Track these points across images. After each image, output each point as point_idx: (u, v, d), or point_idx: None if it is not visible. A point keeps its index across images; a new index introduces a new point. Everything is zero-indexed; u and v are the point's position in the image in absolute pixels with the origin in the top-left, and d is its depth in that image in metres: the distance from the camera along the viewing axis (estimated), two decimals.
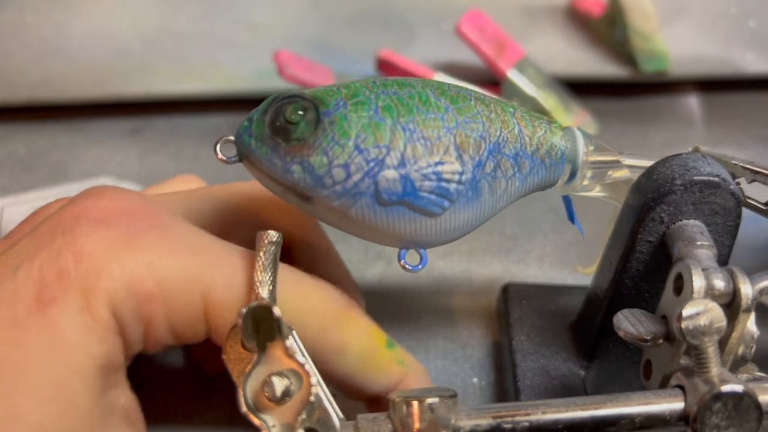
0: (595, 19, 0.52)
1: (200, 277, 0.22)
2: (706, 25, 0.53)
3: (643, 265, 0.27)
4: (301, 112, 0.23)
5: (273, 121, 0.23)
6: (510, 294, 0.33)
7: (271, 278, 0.22)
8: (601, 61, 0.50)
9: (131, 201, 0.24)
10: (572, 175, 0.26)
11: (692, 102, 0.51)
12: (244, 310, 0.21)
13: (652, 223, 0.26)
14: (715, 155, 0.28)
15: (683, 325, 0.22)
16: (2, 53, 0.49)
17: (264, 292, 0.22)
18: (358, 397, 0.26)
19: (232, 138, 0.24)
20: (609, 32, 0.51)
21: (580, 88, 0.47)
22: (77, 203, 0.23)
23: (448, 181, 0.23)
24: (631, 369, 0.29)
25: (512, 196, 0.25)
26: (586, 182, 0.27)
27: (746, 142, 0.47)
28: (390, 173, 0.22)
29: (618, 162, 0.27)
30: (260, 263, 0.22)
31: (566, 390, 0.29)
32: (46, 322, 0.20)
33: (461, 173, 0.23)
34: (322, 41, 0.51)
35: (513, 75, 0.45)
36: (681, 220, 0.26)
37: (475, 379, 0.32)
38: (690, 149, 0.28)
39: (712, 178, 0.25)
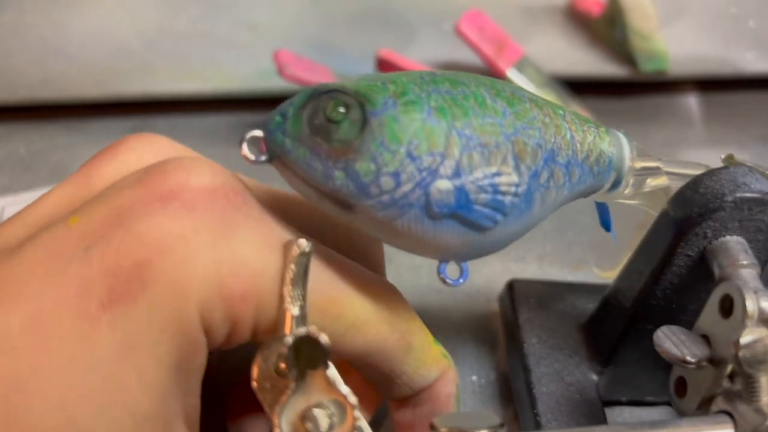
0: (595, 19, 0.52)
1: None
2: (706, 25, 0.53)
3: (677, 279, 0.26)
4: (342, 110, 0.20)
5: (312, 119, 0.20)
6: (516, 291, 0.32)
7: (301, 293, 0.20)
8: (600, 61, 0.50)
9: (224, 180, 0.21)
10: (616, 183, 0.25)
11: (692, 102, 0.51)
12: (291, 339, 0.19)
13: (695, 238, 0.25)
14: (750, 165, 0.27)
15: (741, 353, 0.21)
16: (2, 53, 0.49)
17: (295, 309, 0.20)
18: (400, 396, 0.25)
19: (260, 134, 0.21)
20: (608, 32, 0.51)
21: (579, 88, 0.47)
22: (164, 178, 0.20)
23: (504, 193, 0.21)
24: (644, 374, 0.29)
25: (557, 206, 0.24)
26: (627, 190, 0.26)
27: (746, 142, 0.47)
28: (443, 184, 0.20)
29: (658, 169, 0.26)
30: (290, 277, 0.20)
31: (581, 397, 0.28)
32: (119, 320, 0.18)
33: (518, 185, 0.21)
34: (322, 41, 0.51)
35: (513, 75, 0.45)
36: (724, 236, 0.25)
37: (474, 377, 0.32)
38: (723, 157, 0.27)
39: (762, 196, 0.25)
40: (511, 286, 0.33)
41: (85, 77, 0.48)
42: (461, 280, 0.23)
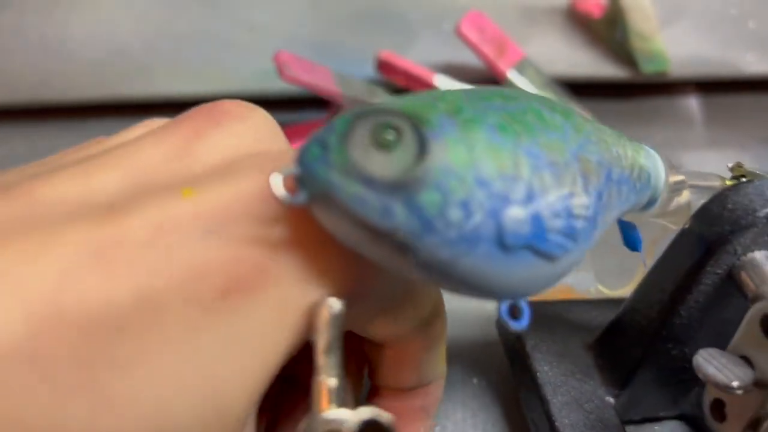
0: (595, 20, 0.52)
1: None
2: (706, 26, 0.53)
3: (703, 296, 0.26)
4: (391, 136, 0.17)
5: (360, 146, 0.17)
6: None
7: (337, 361, 0.18)
8: (600, 62, 0.50)
9: None
10: (652, 200, 0.24)
11: (692, 103, 0.51)
12: (355, 425, 0.17)
13: (726, 255, 0.25)
14: (759, 173, 0.26)
15: None
16: (2, 54, 0.49)
17: (332, 381, 0.18)
18: (405, 385, 0.25)
19: (296, 170, 0.17)
20: (609, 33, 0.51)
21: (580, 89, 0.47)
22: None
23: (576, 217, 0.19)
24: (658, 391, 0.28)
25: (605, 229, 0.22)
26: (658, 208, 0.25)
27: (747, 144, 0.47)
28: (517, 211, 0.17)
29: (684, 182, 0.25)
30: (323, 344, 0.18)
31: (603, 423, 0.27)
32: (235, 312, 0.17)
33: (588, 207, 0.19)
34: (322, 42, 0.51)
35: (513, 76, 0.45)
36: (752, 251, 0.25)
37: (475, 380, 0.32)
38: (730, 165, 0.27)
39: None
40: None
41: (86, 78, 0.48)
42: (525, 322, 0.19)
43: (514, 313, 0.19)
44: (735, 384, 0.22)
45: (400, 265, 0.18)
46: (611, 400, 0.28)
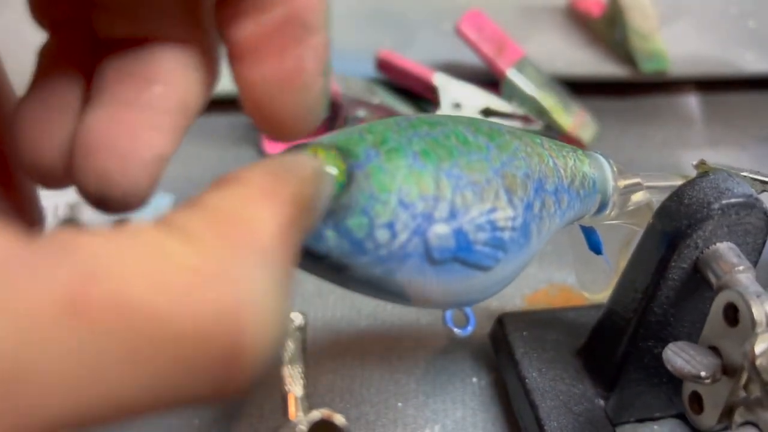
0: (595, 19, 0.52)
1: None
2: (706, 25, 0.53)
3: (673, 292, 0.26)
4: None
5: None
6: (508, 326, 0.31)
7: (301, 371, 0.20)
8: (600, 61, 0.50)
9: None
10: (603, 205, 0.25)
11: (692, 102, 0.51)
12: (305, 428, 0.19)
13: (687, 249, 0.25)
14: (721, 167, 0.27)
15: (758, 362, 0.21)
16: (2, 54, 0.49)
17: (298, 390, 0.20)
18: None
19: None
20: (608, 32, 0.51)
21: (579, 88, 0.47)
22: None
23: (502, 229, 0.21)
24: (650, 391, 0.28)
25: (550, 235, 0.23)
26: (614, 211, 0.25)
27: (746, 142, 0.47)
28: (441, 228, 0.19)
29: (639, 184, 0.26)
30: (288, 356, 0.20)
31: (592, 425, 0.28)
32: None
33: (514, 219, 0.21)
34: None
35: (512, 75, 0.45)
36: (714, 244, 0.25)
37: (474, 379, 0.32)
38: (694, 163, 0.28)
39: (747, 200, 0.25)
40: (501, 322, 0.32)
41: None
42: (470, 328, 0.22)
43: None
44: (703, 374, 0.22)
45: (341, 282, 0.20)
46: (601, 402, 0.29)
